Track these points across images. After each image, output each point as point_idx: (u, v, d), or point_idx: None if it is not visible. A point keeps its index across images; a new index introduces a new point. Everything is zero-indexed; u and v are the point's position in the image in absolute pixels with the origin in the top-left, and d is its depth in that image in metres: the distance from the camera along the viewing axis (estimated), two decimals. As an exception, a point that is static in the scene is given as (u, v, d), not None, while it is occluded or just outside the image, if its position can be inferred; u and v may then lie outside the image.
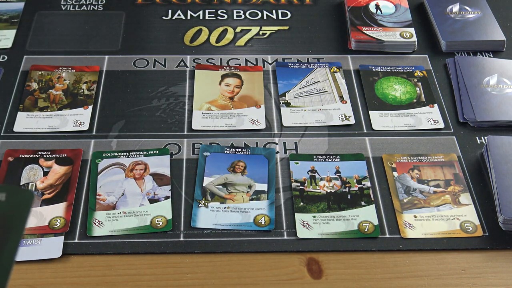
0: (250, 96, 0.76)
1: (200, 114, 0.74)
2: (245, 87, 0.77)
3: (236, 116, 0.74)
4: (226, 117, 0.74)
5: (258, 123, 0.73)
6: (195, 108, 0.74)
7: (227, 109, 0.74)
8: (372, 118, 0.74)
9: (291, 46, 0.85)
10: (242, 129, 0.73)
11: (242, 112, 0.74)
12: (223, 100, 0.75)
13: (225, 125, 0.73)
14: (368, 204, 0.64)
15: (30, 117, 0.72)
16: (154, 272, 0.58)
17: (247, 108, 0.75)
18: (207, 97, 0.76)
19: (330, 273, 0.58)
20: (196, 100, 0.75)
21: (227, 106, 0.75)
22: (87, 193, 0.64)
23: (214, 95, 0.76)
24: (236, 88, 0.77)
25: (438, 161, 0.69)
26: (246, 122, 0.73)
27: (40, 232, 0.60)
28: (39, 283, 0.57)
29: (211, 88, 0.77)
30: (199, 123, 0.73)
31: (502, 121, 0.73)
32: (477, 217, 0.63)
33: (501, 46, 0.84)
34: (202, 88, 0.77)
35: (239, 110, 0.75)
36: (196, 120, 0.73)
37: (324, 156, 0.69)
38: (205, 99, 0.75)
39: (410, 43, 0.83)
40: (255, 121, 0.73)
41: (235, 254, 0.60)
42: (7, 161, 0.67)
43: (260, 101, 0.76)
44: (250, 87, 0.77)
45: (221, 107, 0.75)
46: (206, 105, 0.75)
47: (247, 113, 0.74)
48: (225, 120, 0.73)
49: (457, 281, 0.58)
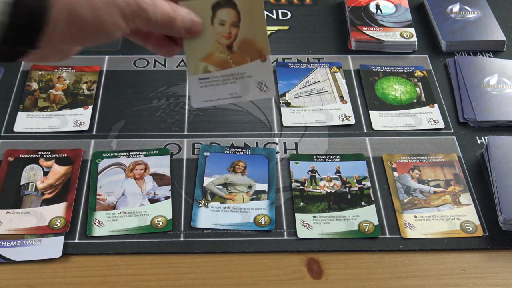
0: (251, 40, 0.60)
1: (198, 85, 0.61)
2: (244, 23, 0.59)
3: (239, 79, 0.61)
4: (228, 82, 0.62)
5: (266, 88, 0.62)
6: (191, 72, 0.61)
7: (227, 67, 0.61)
8: (372, 118, 0.74)
9: (291, 46, 0.85)
10: (248, 101, 0.70)
11: (246, 71, 0.61)
12: (220, 51, 0.60)
13: (229, 95, 0.62)
14: (368, 204, 0.64)
15: (30, 117, 0.72)
16: (154, 272, 0.58)
17: (250, 63, 0.61)
18: (201, 52, 0.60)
19: (330, 273, 0.58)
20: (190, 61, 0.60)
21: (227, 62, 0.61)
22: (87, 193, 0.64)
23: (208, 45, 0.60)
24: (233, 27, 0.59)
25: (438, 161, 0.69)
26: (253, 88, 0.62)
27: (40, 232, 0.60)
28: (39, 283, 0.57)
29: (203, 36, 0.59)
30: (199, 98, 0.62)
31: (502, 121, 0.73)
32: (477, 217, 0.63)
33: (501, 46, 0.84)
34: (194, 40, 0.59)
35: (242, 68, 0.61)
36: (195, 93, 0.61)
37: (324, 156, 0.69)
38: (199, 56, 0.60)
39: (410, 43, 0.83)
40: (262, 85, 0.61)
41: (235, 254, 0.60)
42: (7, 161, 0.67)
43: (265, 49, 0.60)
44: (249, 23, 0.59)
45: (219, 64, 0.61)
46: (202, 65, 0.60)
47: (251, 71, 0.61)
48: (228, 88, 0.62)
49: (457, 281, 0.58)
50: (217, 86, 0.61)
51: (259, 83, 0.61)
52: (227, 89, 0.62)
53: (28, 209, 0.62)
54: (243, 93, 0.62)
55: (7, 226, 0.61)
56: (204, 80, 0.61)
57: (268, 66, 0.61)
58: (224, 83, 0.61)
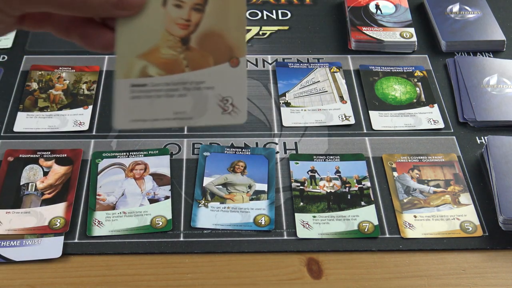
0: (219, 33, 0.42)
1: (128, 94, 0.42)
2: (212, 7, 0.42)
3: (193, 91, 0.42)
4: (176, 93, 0.42)
5: (233, 108, 0.42)
6: (119, 75, 0.41)
7: (177, 71, 0.42)
8: (372, 118, 0.74)
9: (291, 46, 0.85)
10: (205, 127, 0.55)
11: (206, 79, 0.42)
12: (170, 46, 0.42)
13: (173, 115, 0.42)
14: (368, 204, 0.64)
15: (30, 117, 0.72)
16: (154, 272, 0.58)
17: (214, 68, 0.42)
18: (140, 44, 0.42)
19: (330, 273, 0.58)
20: (121, 56, 0.41)
21: (177, 64, 0.42)
22: (87, 193, 0.64)
23: (152, 35, 0.42)
24: (195, 12, 0.42)
25: (438, 161, 0.69)
26: (213, 106, 0.42)
27: (40, 232, 0.60)
28: (39, 283, 0.57)
29: (146, 19, 0.41)
30: (126, 115, 0.42)
31: (502, 121, 0.73)
32: (477, 217, 0.63)
33: (501, 46, 0.84)
34: (131, 25, 0.41)
35: (199, 74, 0.42)
36: (122, 107, 0.42)
37: (324, 156, 0.69)
38: (135, 50, 0.42)
39: (410, 43, 0.83)
40: (227, 104, 0.42)
41: (235, 254, 0.60)
42: (7, 161, 0.67)
43: (239, 48, 0.42)
44: (220, 8, 0.42)
45: (165, 66, 0.42)
46: (138, 64, 0.41)
47: (214, 81, 0.42)
48: (174, 103, 0.42)
49: (457, 281, 0.58)
50: (157, 99, 0.42)
51: (223, 100, 0.42)
52: (172, 105, 0.42)
53: (28, 209, 0.62)
54: (195, 113, 0.42)
55: (7, 226, 0.61)
56: (138, 88, 0.41)
57: (240, 74, 0.42)
58: (169, 95, 0.42)
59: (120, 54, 0.42)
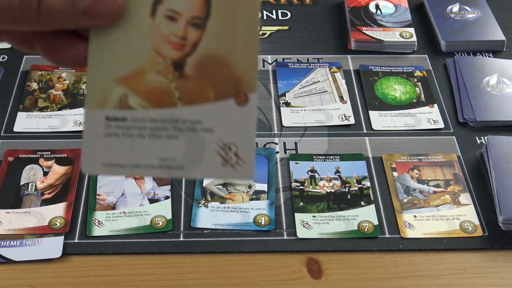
0: (223, 59, 0.33)
1: (102, 129, 0.33)
2: (214, 23, 0.33)
3: (186, 132, 0.33)
4: (164, 134, 0.33)
5: (236, 160, 0.33)
6: (90, 103, 0.33)
7: (167, 104, 0.33)
8: (372, 118, 0.74)
9: (291, 46, 0.85)
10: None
11: (203, 118, 0.33)
12: (159, 71, 0.33)
13: (159, 161, 0.33)
14: (368, 204, 0.64)
15: (30, 117, 0.72)
16: (154, 272, 0.58)
17: (215, 103, 0.33)
18: (121, 66, 0.33)
19: (330, 273, 0.58)
20: (93, 78, 0.33)
21: (167, 94, 0.33)
22: (87, 193, 0.64)
23: (137, 53, 0.33)
24: (193, 28, 0.33)
25: (438, 161, 0.69)
26: (211, 154, 0.33)
27: (40, 232, 0.60)
28: (39, 283, 0.57)
29: (130, 32, 0.33)
30: (98, 156, 0.33)
31: (502, 121, 0.73)
32: (477, 217, 0.63)
33: (501, 46, 0.84)
34: (109, 38, 0.33)
35: (195, 111, 0.33)
36: (92, 146, 0.33)
37: (324, 156, 0.69)
38: (114, 73, 0.33)
39: (410, 43, 0.83)
40: (230, 153, 0.33)
41: (235, 254, 0.60)
42: (7, 161, 0.67)
43: (249, 80, 0.33)
44: (226, 25, 0.33)
45: (151, 96, 0.33)
46: (117, 90, 0.33)
47: (214, 121, 0.33)
48: (160, 146, 0.33)
49: (457, 281, 0.58)
50: (139, 139, 0.33)
51: (224, 148, 0.33)
52: (159, 149, 0.33)
53: (28, 209, 0.62)
54: (188, 162, 0.33)
55: (7, 226, 0.61)
56: (115, 123, 0.33)
57: (249, 115, 0.33)
58: (155, 135, 0.33)
59: (92, 75, 0.32)
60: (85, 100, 0.33)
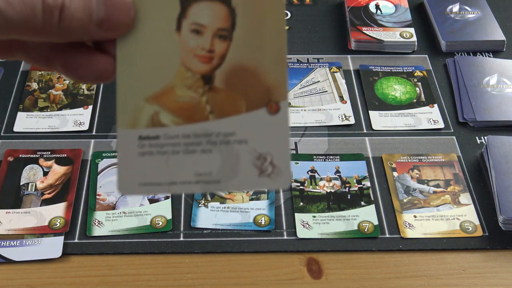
0: (253, 69, 0.32)
1: (135, 149, 0.33)
2: (241, 35, 0.32)
3: (220, 145, 0.33)
4: (198, 149, 0.33)
5: (272, 169, 0.33)
6: (122, 123, 0.32)
7: (199, 119, 0.33)
8: (372, 118, 0.74)
9: (291, 46, 0.85)
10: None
11: (236, 129, 0.33)
12: (188, 86, 0.33)
13: (196, 176, 0.33)
14: (368, 204, 0.64)
15: (30, 117, 0.72)
16: (154, 272, 0.58)
17: (246, 114, 0.33)
18: (150, 84, 0.33)
19: (330, 273, 0.58)
20: (123, 98, 0.33)
21: (199, 109, 0.33)
22: (87, 193, 0.64)
23: (165, 71, 0.33)
24: (220, 40, 0.32)
25: (438, 161, 0.69)
26: (247, 165, 0.33)
27: (40, 232, 0.60)
28: (39, 283, 0.57)
29: (157, 52, 0.32)
30: (134, 177, 0.33)
31: (502, 121, 0.73)
32: (477, 217, 0.63)
33: (501, 46, 0.84)
34: (136, 57, 0.32)
35: (228, 123, 0.33)
36: (128, 166, 0.33)
37: (324, 156, 0.69)
38: (144, 92, 0.33)
39: (410, 43, 0.83)
40: (266, 163, 0.33)
41: (235, 254, 0.60)
42: (7, 161, 0.67)
43: (279, 88, 0.32)
44: (252, 35, 0.32)
45: (183, 112, 0.33)
46: (148, 109, 0.33)
47: (247, 132, 0.33)
48: (195, 161, 0.33)
49: (457, 281, 0.58)
50: (173, 156, 0.32)
51: (259, 158, 0.32)
52: (194, 164, 0.33)
53: (28, 209, 0.62)
54: (224, 175, 0.33)
55: (7, 226, 0.61)
56: (148, 142, 0.33)
57: (281, 123, 0.32)
58: (189, 150, 0.33)
59: (122, 95, 0.32)
60: (117, 121, 0.32)
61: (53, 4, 0.28)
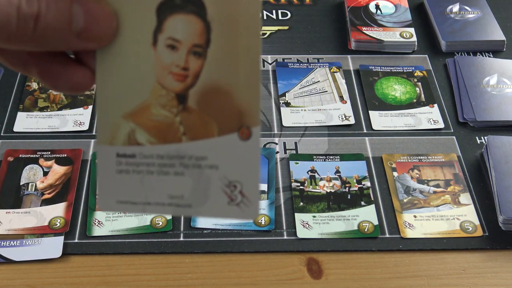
0: (226, 90, 0.31)
1: (113, 167, 0.32)
2: (216, 51, 0.31)
3: (192, 169, 0.32)
4: (171, 171, 0.32)
5: (241, 198, 0.31)
6: (101, 140, 0.32)
7: (172, 141, 0.32)
8: (372, 118, 0.74)
9: (291, 46, 0.85)
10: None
11: (208, 153, 0.32)
12: (163, 104, 0.32)
13: (168, 199, 0.32)
14: (368, 204, 0.64)
15: (30, 117, 0.72)
16: (154, 272, 0.58)
17: (218, 138, 0.32)
18: (127, 101, 0.32)
19: (330, 273, 0.58)
20: (103, 113, 0.32)
21: (172, 129, 0.32)
22: (87, 193, 0.64)
23: (142, 89, 0.32)
24: (195, 57, 0.31)
25: (438, 161, 0.69)
26: (216, 192, 0.32)
27: (40, 232, 0.60)
28: (39, 283, 0.57)
29: (133, 67, 0.31)
30: (112, 194, 0.33)
31: (502, 121, 0.73)
32: (477, 217, 0.63)
33: (501, 46, 0.84)
34: (114, 72, 0.32)
35: (200, 146, 0.32)
36: (106, 184, 0.33)
37: (324, 156, 0.69)
38: (121, 109, 0.32)
39: (410, 43, 0.83)
40: (235, 191, 0.31)
41: (235, 254, 0.60)
42: (7, 161, 0.67)
43: (251, 112, 0.31)
44: (227, 52, 0.31)
45: (157, 132, 0.32)
46: (125, 126, 0.32)
47: (218, 157, 0.32)
48: (168, 184, 0.32)
49: (457, 281, 0.58)
50: (148, 176, 0.32)
51: (229, 185, 0.31)
52: (167, 186, 0.32)
53: (28, 209, 0.62)
54: (195, 200, 0.32)
55: (7, 226, 0.61)
56: (125, 160, 0.32)
57: (252, 151, 0.31)
58: (163, 171, 0.32)
59: (101, 111, 0.32)
60: (97, 137, 0.32)
61: (28, 12, 0.27)
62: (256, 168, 0.31)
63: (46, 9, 0.28)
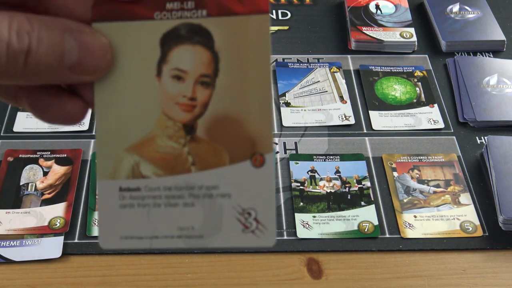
0: (237, 119, 0.30)
1: (116, 202, 0.31)
2: (225, 81, 0.30)
3: (203, 199, 0.31)
4: (180, 202, 0.31)
5: (257, 226, 0.31)
6: (102, 174, 0.31)
7: (181, 170, 0.31)
8: (372, 118, 0.74)
9: (291, 46, 0.85)
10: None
11: (219, 182, 0.31)
12: (170, 136, 0.31)
13: (178, 231, 0.31)
14: (368, 204, 0.64)
15: (30, 117, 0.72)
16: (154, 272, 0.58)
17: (230, 167, 0.31)
18: (130, 134, 0.31)
19: (330, 273, 0.58)
20: (102, 149, 0.31)
21: (180, 160, 0.31)
22: (87, 193, 0.64)
23: (146, 121, 0.31)
24: (202, 87, 0.30)
25: (438, 161, 0.69)
26: (230, 221, 0.31)
27: (40, 232, 0.60)
28: (39, 283, 0.57)
29: (137, 99, 0.31)
30: (115, 231, 0.31)
31: (502, 121, 0.73)
32: (477, 217, 0.63)
33: (501, 46, 0.84)
34: (115, 104, 0.31)
35: (210, 175, 0.31)
36: (108, 220, 0.31)
37: (324, 156, 0.69)
38: (124, 141, 0.31)
39: (410, 43, 0.83)
40: (249, 218, 0.31)
41: (235, 254, 0.60)
42: (7, 161, 0.67)
43: (265, 140, 0.30)
44: (236, 82, 0.30)
45: (164, 163, 0.31)
46: (128, 159, 0.31)
47: (230, 186, 0.31)
48: (177, 215, 0.31)
49: (457, 281, 0.58)
50: (155, 209, 0.31)
51: (243, 213, 0.31)
52: (176, 218, 0.31)
53: (28, 209, 0.62)
54: (207, 230, 0.31)
55: (6, 226, 0.61)
56: (129, 194, 0.31)
57: (266, 178, 0.31)
58: (171, 203, 0.31)
59: (101, 145, 0.31)
60: (97, 171, 0.31)
61: (18, 48, 0.26)
62: (270, 194, 0.31)
63: (37, 44, 0.27)
